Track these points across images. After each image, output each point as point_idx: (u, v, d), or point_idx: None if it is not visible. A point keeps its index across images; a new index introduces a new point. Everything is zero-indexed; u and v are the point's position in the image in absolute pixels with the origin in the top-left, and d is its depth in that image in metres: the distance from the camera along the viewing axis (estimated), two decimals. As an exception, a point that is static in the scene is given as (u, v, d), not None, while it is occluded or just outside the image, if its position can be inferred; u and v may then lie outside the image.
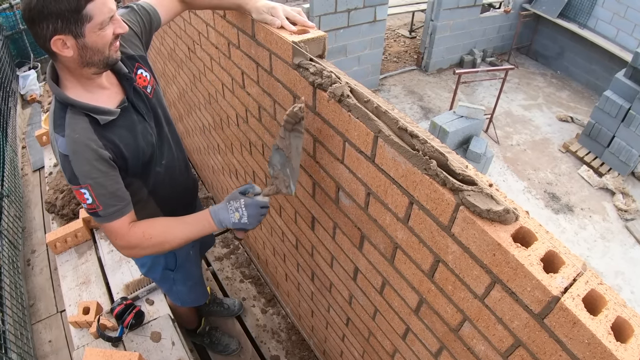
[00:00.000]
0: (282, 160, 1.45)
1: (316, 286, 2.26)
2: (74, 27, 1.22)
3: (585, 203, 5.48)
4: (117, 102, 1.48)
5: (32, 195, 4.56)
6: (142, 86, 1.60)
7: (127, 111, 1.51)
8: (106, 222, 1.41)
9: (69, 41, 1.24)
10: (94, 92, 1.43)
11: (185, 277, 2.30)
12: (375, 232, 1.39)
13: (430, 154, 0.99)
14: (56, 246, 3.22)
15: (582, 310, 0.78)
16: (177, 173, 1.86)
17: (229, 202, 1.50)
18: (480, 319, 1.05)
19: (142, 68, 1.64)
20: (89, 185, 1.33)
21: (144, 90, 1.61)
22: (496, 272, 0.92)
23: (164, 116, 1.74)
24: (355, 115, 1.20)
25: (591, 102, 7.40)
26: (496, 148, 6.29)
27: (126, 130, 1.48)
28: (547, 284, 0.81)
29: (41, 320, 3.30)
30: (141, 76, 1.61)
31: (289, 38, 1.38)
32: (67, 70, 1.36)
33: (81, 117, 1.35)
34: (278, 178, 1.49)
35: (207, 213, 1.50)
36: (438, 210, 1.02)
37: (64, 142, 1.31)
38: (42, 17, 1.18)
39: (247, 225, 1.49)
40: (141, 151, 1.55)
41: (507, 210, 0.88)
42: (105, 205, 1.37)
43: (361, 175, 1.31)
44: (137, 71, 1.60)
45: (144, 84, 1.62)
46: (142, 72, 1.62)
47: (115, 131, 1.44)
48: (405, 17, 10.20)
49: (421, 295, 1.29)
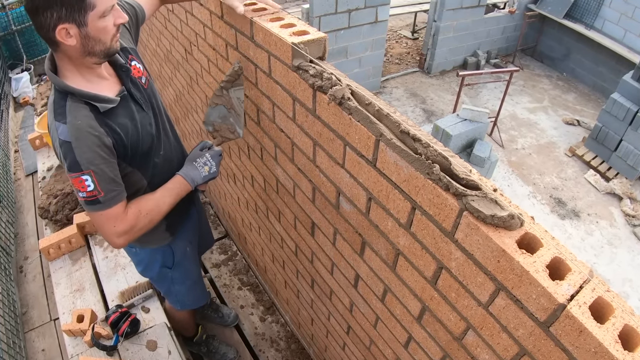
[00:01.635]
0: (222, 114, 1.83)
1: (316, 293, 2.26)
2: (77, 15, 1.27)
3: (592, 208, 5.48)
4: (116, 91, 1.54)
5: (24, 200, 4.56)
6: (137, 77, 1.66)
7: (126, 100, 1.57)
8: (106, 208, 1.45)
9: (72, 30, 1.29)
10: (93, 81, 1.48)
11: (184, 276, 2.32)
12: (376, 238, 1.39)
13: (433, 158, 1.00)
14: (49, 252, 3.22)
15: (589, 318, 0.78)
16: (175, 165, 1.89)
17: (195, 161, 1.75)
18: (485, 327, 1.05)
19: (135, 60, 1.70)
20: (92, 171, 1.37)
21: (139, 80, 1.67)
22: (501, 279, 0.92)
23: (160, 108, 1.81)
24: (356, 119, 1.20)
25: (598, 105, 7.40)
26: (501, 152, 6.29)
27: (126, 119, 1.54)
28: (553, 291, 0.81)
29: (34, 328, 3.29)
30: (135, 67, 1.67)
31: (289, 39, 1.39)
32: (68, 60, 1.41)
33: (82, 105, 1.40)
34: (220, 130, 1.86)
35: (180, 177, 1.71)
36: (441, 215, 1.02)
37: (65, 129, 1.36)
38: (47, 5, 1.23)
39: (215, 173, 1.78)
40: (141, 140, 1.61)
41: (512, 216, 0.88)
42: (106, 191, 1.42)
43: (362, 180, 1.31)
44: (130, 62, 1.65)
45: (139, 74, 1.68)
46: (135, 63, 1.68)
47: (115, 119, 1.49)
48: (408, 18, 10.22)
49: (424, 302, 1.29)
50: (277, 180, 2.05)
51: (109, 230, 1.50)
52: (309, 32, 1.44)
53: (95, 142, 1.39)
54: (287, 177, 1.90)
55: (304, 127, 1.54)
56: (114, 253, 3.25)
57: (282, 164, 1.91)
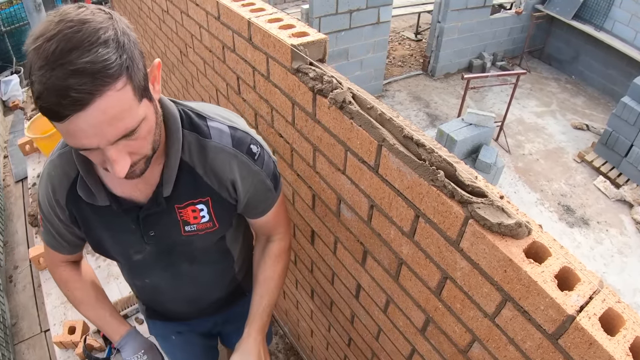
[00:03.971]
0: None
1: (316, 304, 2.25)
2: None
3: (601, 216, 5.47)
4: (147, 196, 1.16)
5: (14, 207, 4.56)
6: (183, 219, 1.21)
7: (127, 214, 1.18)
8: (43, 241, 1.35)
9: None
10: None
11: None
12: (378, 247, 1.39)
13: (438, 164, 1.00)
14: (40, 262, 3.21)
15: (599, 330, 0.78)
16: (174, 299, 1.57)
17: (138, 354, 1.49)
18: (491, 339, 1.04)
19: (209, 208, 1.23)
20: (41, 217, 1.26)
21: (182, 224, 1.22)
22: (507, 289, 0.92)
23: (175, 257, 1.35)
24: (357, 123, 1.20)
25: (608, 108, 7.42)
26: (507, 158, 6.29)
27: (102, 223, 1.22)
28: (561, 302, 0.81)
29: (24, 340, 3.28)
30: (196, 210, 1.21)
31: (288, 41, 1.39)
32: None
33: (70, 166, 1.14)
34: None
35: (123, 331, 1.49)
36: (446, 223, 1.03)
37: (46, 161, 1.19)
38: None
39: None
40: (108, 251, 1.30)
41: (519, 224, 0.88)
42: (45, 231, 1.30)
43: (364, 187, 1.32)
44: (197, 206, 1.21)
45: (190, 220, 1.22)
46: (203, 208, 1.22)
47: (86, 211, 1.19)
48: (411, 19, 10.26)
49: (428, 314, 1.28)
50: (276, 186, 2.05)
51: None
52: (308, 34, 1.44)
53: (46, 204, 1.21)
54: (286, 183, 1.91)
55: (304, 132, 1.54)
56: (106, 262, 3.24)
57: (280, 170, 1.91)
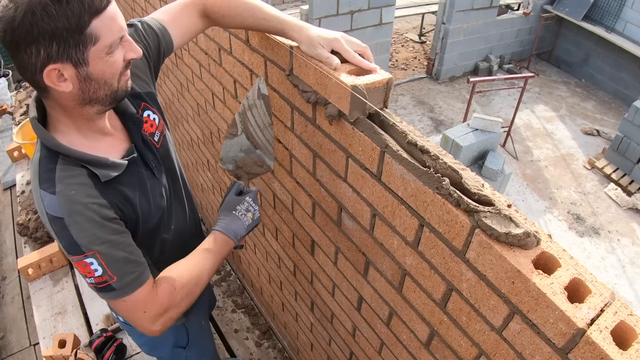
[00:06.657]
0: (244, 147, 1.55)
1: (316, 317, 2.25)
2: (74, 52, 1.02)
3: (612, 225, 5.47)
4: (122, 151, 1.31)
5: (2, 216, 4.56)
6: (149, 133, 1.42)
7: (136, 164, 1.33)
8: (125, 295, 1.20)
9: (68, 71, 1.04)
10: (93, 138, 1.24)
11: (200, 354, 2.12)
12: (381, 258, 1.39)
13: (443, 171, 1.00)
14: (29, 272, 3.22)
15: (611, 344, 0.77)
16: (188, 238, 1.69)
17: (234, 210, 1.46)
18: (498, 353, 1.04)
19: (150, 109, 1.44)
20: (96, 252, 1.13)
21: (151, 138, 1.43)
22: (515, 301, 0.92)
23: (175, 171, 1.59)
24: (359, 129, 1.21)
25: (619, 113, 7.44)
26: (515, 164, 6.30)
27: (135, 189, 1.31)
28: (571, 314, 0.81)
29: (12, 354, 3.27)
30: (148, 119, 1.41)
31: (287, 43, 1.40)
32: (61, 109, 1.16)
33: (77, 169, 1.17)
34: (245, 165, 1.59)
35: (219, 234, 1.41)
36: (451, 233, 1.03)
37: (54, 201, 1.12)
38: (31, 39, 0.97)
39: (259, 219, 1.52)
40: (151, 216, 1.40)
41: (527, 234, 0.88)
42: (120, 274, 1.18)
43: (366, 195, 1.32)
44: (143, 112, 1.40)
45: (152, 129, 1.43)
46: (149, 114, 1.42)
47: (120, 191, 1.26)
48: (415, 20, 10.30)
49: (432, 327, 1.28)
50: (274, 194, 2.05)
51: (138, 317, 1.24)
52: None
53: (95, 216, 1.15)
54: (284, 191, 1.91)
55: (303, 138, 1.54)
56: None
57: (279, 178, 1.91)
